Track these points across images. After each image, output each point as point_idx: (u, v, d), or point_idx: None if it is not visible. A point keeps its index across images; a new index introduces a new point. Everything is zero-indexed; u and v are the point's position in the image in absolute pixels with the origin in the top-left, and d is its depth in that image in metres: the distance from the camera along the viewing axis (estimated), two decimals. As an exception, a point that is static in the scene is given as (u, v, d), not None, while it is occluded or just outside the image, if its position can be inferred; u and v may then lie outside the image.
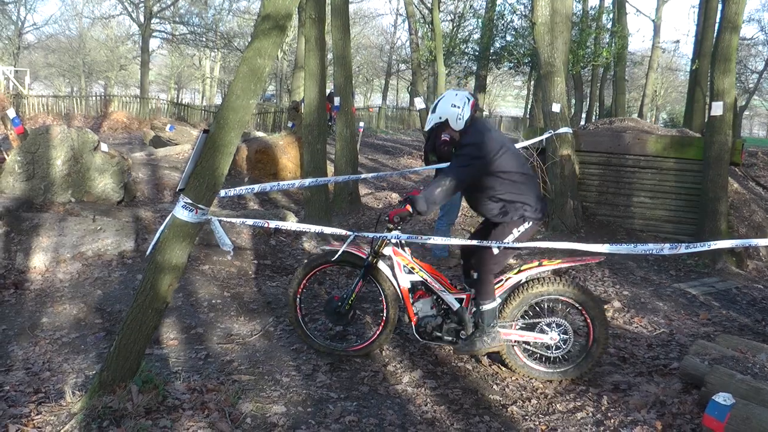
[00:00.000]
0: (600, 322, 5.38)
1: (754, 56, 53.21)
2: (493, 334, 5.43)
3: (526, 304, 5.54)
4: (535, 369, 5.61)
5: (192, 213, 4.14)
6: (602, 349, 5.44)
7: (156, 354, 5.49)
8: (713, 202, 10.23)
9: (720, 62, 10.19)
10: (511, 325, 5.56)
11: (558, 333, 5.50)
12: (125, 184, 10.23)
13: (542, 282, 5.47)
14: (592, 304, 5.36)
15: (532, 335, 5.53)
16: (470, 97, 5.72)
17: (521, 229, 5.42)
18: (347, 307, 5.81)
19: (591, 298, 5.39)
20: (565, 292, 5.39)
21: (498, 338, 5.44)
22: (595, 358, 5.44)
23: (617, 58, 25.48)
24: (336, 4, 12.13)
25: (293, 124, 17.93)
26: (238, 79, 4.13)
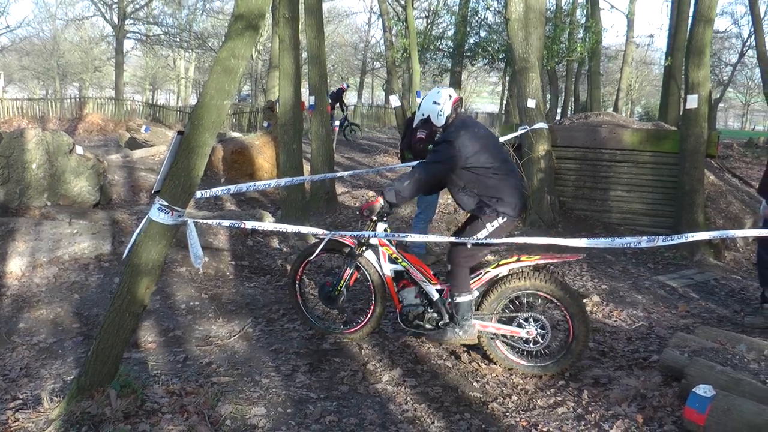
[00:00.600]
0: (579, 319, 5.36)
1: (728, 49, 53.63)
2: (467, 326, 5.55)
3: (506, 298, 5.60)
4: (516, 362, 5.65)
5: (168, 215, 4.11)
6: (582, 346, 5.42)
7: (134, 358, 5.46)
8: (690, 195, 10.27)
9: (694, 55, 10.23)
10: (490, 318, 5.62)
11: (535, 328, 5.53)
12: (101, 186, 10.16)
13: (521, 277, 5.51)
14: (570, 300, 5.35)
15: (509, 329, 5.58)
16: (452, 95, 5.80)
17: (495, 224, 5.49)
18: (337, 292, 6.11)
19: (570, 294, 5.38)
20: (543, 288, 5.41)
21: (471, 331, 5.56)
22: (575, 354, 5.43)
23: (591, 53, 25.56)
24: (309, 3, 12.08)
25: (269, 123, 17.86)
26: (212, 80, 4.10)
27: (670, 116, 20.23)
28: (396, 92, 19.32)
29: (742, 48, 48.38)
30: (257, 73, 49.93)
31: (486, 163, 5.46)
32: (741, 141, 27.73)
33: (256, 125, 29.99)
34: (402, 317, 5.92)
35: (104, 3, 42.52)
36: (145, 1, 43.00)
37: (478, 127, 5.72)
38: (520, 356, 5.67)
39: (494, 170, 5.46)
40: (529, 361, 5.64)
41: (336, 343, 6.00)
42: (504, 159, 5.61)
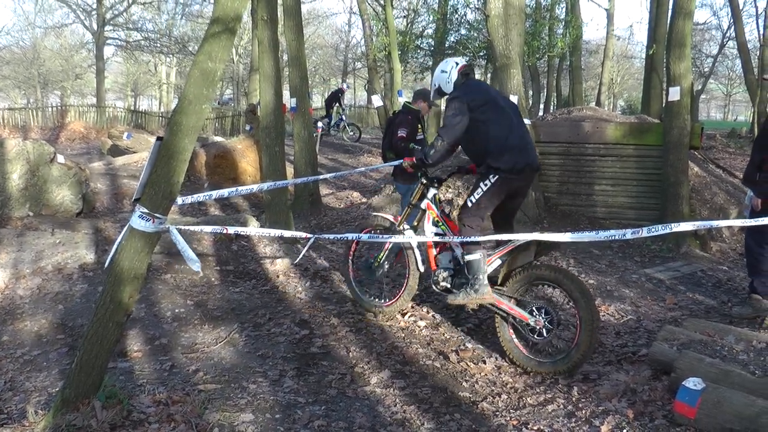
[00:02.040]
0: (587, 327, 5.26)
1: (708, 41, 53.93)
2: (477, 286, 5.71)
3: (528, 283, 5.69)
4: (517, 348, 5.70)
5: (149, 222, 4.06)
6: (581, 356, 5.32)
7: (120, 367, 5.39)
8: (674, 187, 10.28)
9: (675, 48, 10.24)
10: (509, 298, 5.75)
11: (544, 319, 5.55)
12: (84, 195, 10.10)
13: (548, 268, 5.62)
14: (585, 305, 5.28)
15: (519, 312, 5.67)
16: (459, 62, 6.14)
17: (487, 183, 5.72)
18: (377, 264, 6.81)
19: (586, 300, 5.29)
20: (564, 283, 5.41)
21: (482, 290, 5.69)
22: (572, 361, 5.35)
23: (572, 48, 25.61)
24: (288, 5, 12.04)
25: (251, 127, 17.80)
26: (190, 84, 4.05)
27: (653, 109, 20.28)
28: (378, 92, 19.32)
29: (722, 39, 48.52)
30: (239, 76, 49.91)
31: (489, 116, 5.70)
32: (724, 132, 27.89)
33: (239, 129, 29.93)
34: (434, 279, 6.29)
35: (83, 10, 42.38)
36: (124, 7, 42.84)
37: (485, 86, 6.03)
38: (523, 344, 5.71)
39: (495, 123, 5.68)
40: (530, 352, 5.65)
41: (324, 347, 5.97)
42: (508, 116, 5.77)
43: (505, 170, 5.64)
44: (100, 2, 39.29)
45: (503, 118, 5.74)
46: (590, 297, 5.36)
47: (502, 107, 5.83)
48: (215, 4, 4.12)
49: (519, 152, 5.68)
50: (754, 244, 6.73)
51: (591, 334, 5.27)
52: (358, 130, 27.64)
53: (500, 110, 5.77)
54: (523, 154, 5.71)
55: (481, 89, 5.94)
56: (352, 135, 27.12)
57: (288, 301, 7.18)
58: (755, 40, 37.89)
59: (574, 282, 5.39)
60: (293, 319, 6.60)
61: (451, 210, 10.80)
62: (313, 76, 54.20)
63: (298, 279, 7.93)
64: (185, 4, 48.84)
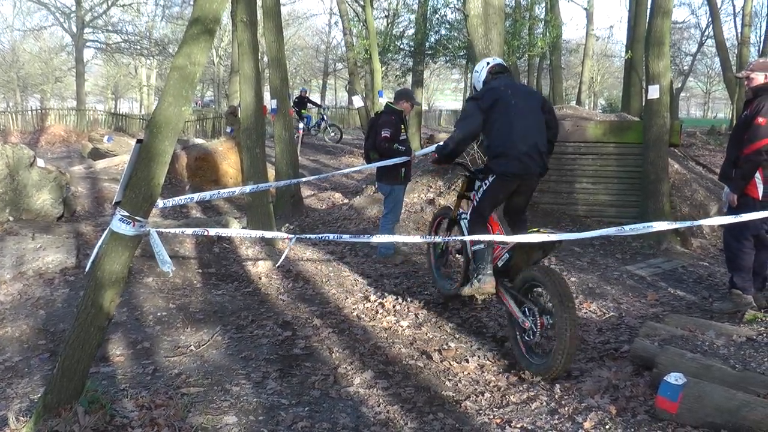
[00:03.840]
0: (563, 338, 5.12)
1: (687, 39, 54.40)
2: (480, 276, 5.96)
3: (527, 281, 5.71)
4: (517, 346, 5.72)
5: (130, 226, 4.04)
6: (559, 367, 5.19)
7: (102, 372, 5.36)
8: (655, 184, 10.34)
9: (654, 47, 10.31)
10: (513, 294, 5.85)
11: (531, 322, 5.53)
12: (64, 199, 10.03)
13: (544, 269, 5.60)
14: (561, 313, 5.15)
15: (515, 310, 5.73)
16: (490, 62, 6.38)
17: (486, 183, 6.01)
18: (442, 248, 7.41)
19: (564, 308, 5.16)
20: (549, 286, 5.33)
21: (484, 281, 5.94)
22: (550, 370, 5.25)
23: (552, 48, 25.70)
24: (268, 7, 12.02)
25: (232, 129, 17.78)
26: (169, 86, 4.04)
27: (633, 107, 20.39)
28: (359, 93, 19.32)
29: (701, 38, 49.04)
30: (219, 78, 49.79)
31: (495, 118, 5.82)
32: (703, 129, 28.04)
33: (220, 131, 29.85)
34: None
35: (62, 12, 42.11)
36: (103, 9, 42.63)
37: (508, 87, 6.04)
38: (523, 343, 5.69)
39: (498, 125, 5.83)
40: (525, 351, 5.63)
41: (306, 348, 5.96)
42: (515, 118, 5.82)
43: (499, 173, 5.82)
44: (80, 4, 39.06)
45: (508, 121, 5.80)
46: (567, 302, 5.21)
47: (512, 109, 5.85)
48: (194, 6, 4.11)
49: (516, 158, 5.77)
50: (732, 240, 6.79)
51: (566, 342, 5.13)
52: (339, 131, 27.64)
53: (507, 113, 5.82)
54: (521, 160, 5.79)
55: (496, 90, 5.96)
56: (333, 136, 27.11)
57: (270, 303, 7.18)
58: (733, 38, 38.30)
59: (555, 285, 5.31)
60: (276, 320, 6.59)
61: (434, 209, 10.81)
62: (294, 78, 54.13)
63: (280, 280, 7.92)
64: (165, 6, 48.72)
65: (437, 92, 71.50)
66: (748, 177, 6.53)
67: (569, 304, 5.18)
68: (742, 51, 26.80)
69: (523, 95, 6.05)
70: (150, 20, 49.58)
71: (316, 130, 27.67)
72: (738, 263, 6.78)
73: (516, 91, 6.04)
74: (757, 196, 6.54)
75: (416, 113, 19.28)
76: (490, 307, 7.14)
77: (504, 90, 5.95)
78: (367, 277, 8.32)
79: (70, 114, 32.72)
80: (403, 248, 9.40)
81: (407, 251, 9.35)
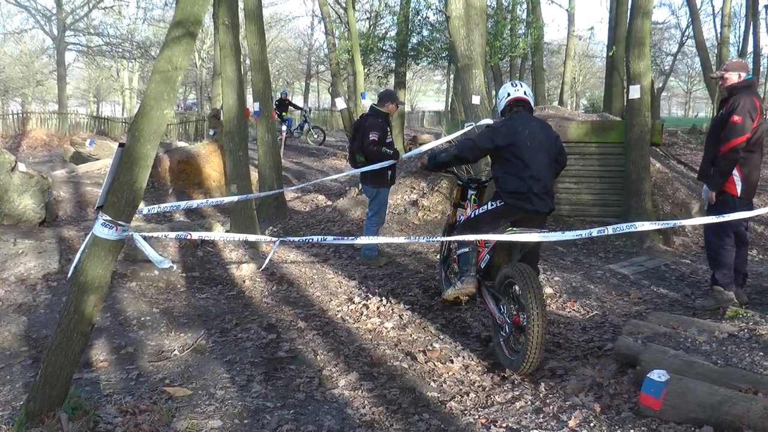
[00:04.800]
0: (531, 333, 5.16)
1: (668, 39, 54.73)
2: (463, 278, 6.19)
3: (504, 278, 5.77)
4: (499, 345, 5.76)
5: (112, 230, 4.02)
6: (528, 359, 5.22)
7: (86, 378, 5.33)
8: (637, 183, 10.39)
9: (634, 47, 10.36)
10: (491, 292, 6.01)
11: (506, 318, 5.61)
12: (46, 203, 9.99)
13: (518, 267, 5.57)
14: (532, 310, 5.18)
15: (492, 306, 5.89)
16: (511, 93, 6.29)
17: (492, 205, 6.07)
18: (444, 254, 7.49)
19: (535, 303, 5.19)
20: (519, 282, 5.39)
21: (466, 282, 6.15)
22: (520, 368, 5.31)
23: (534, 48, 25.76)
24: (250, 9, 12.01)
25: (215, 132, 17.75)
26: (151, 89, 4.04)
27: (615, 107, 20.48)
28: (341, 95, 19.25)
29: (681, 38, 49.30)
30: (202, 81, 49.62)
31: (510, 158, 5.90)
32: (685, 128, 28.14)
33: (203, 134, 29.77)
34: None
35: (43, 15, 41.88)
36: (84, 12, 42.43)
37: (526, 126, 6.02)
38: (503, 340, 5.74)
39: (515, 165, 5.88)
40: (504, 348, 5.67)
41: (291, 350, 5.95)
42: (531, 160, 5.86)
43: (508, 202, 5.92)
44: (61, 7, 38.89)
45: (522, 162, 5.85)
46: (537, 297, 5.23)
47: (528, 151, 5.89)
48: (176, 9, 4.10)
49: (527, 198, 5.84)
50: (713, 237, 6.86)
51: (535, 336, 5.16)
52: (322, 133, 27.62)
53: (522, 154, 5.86)
54: (532, 201, 5.86)
55: (514, 129, 5.97)
56: (316, 138, 27.08)
57: (254, 306, 7.16)
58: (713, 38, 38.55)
59: (526, 281, 5.33)
60: (260, 323, 6.58)
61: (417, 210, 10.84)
62: (277, 80, 54.03)
63: (264, 283, 7.91)
64: (147, 8, 48.57)
65: (420, 93, 71.62)
66: (726, 175, 6.64)
67: (539, 299, 5.23)
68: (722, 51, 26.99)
69: (539, 136, 6.04)
70: (132, 23, 49.41)
71: (299, 132, 27.64)
72: (719, 260, 6.84)
73: (533, 131, 6.02)
74: (736, 194, 6.66)
75: (399, 115, 19.29)
76: (474, 308, 7.15)
77: (522, 131, 5.96)
78: (352, 279, 8.32)
79: (52, 118, 32.52)
80: (387, 250, 9.41)
81: (391, 253, 9.36)
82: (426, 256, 9.33)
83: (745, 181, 6.65)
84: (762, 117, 6.63)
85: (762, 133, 6.68)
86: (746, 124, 6.46)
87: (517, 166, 5.85)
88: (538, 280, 5.53)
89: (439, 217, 11.06)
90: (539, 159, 5.90)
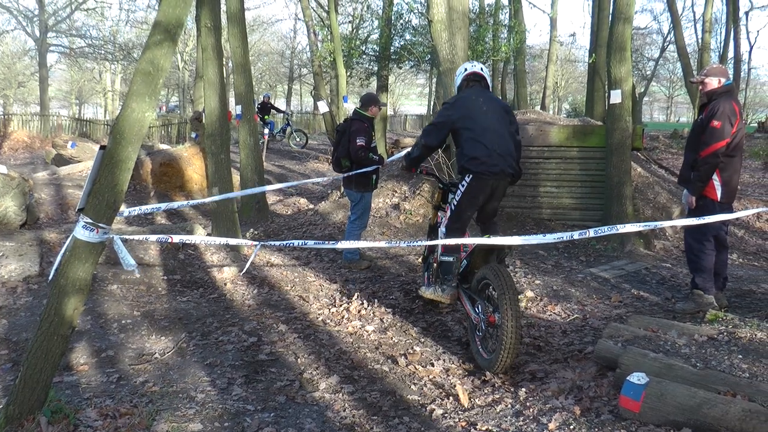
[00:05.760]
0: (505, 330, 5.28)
1: (650, 45, 55.07)
2: (445, 286, 6.27)
3: (479, 279, 5.92)
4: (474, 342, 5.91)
5: (93, 233, 4.01)
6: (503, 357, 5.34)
7: (66, 381, 5.30)
8: (618, 187, 10.43)
9: (615, 52, 10.41)
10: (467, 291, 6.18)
11: (481, 317, 5.74)
12: (27, 206, 9.92)
13: (493, 268, 5.67)
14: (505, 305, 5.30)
15: (468, 306, 6.05)
16: (468, 68, 6.60)
17: (464, 184, 6.15)
18: (424, 255, 7.61)
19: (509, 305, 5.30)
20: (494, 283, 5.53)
21: (447, 292, 6.23)
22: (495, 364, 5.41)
23: (516, 53, 25.83)
24: (232, 12, 12.00)
25: (197, 134, 17.71)
26: (133, 92, 4.03)
27: (597, 112, 20.56)
28: (324, 98, 19.24)
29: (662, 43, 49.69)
30: (184, 83, 49.49)
31: (469, 126, 6.09)
32: (666, 133, 28.38)
33: (185, 136, 29.67)
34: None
35: (25, 16, 41.68)
36: (67, 14, 42.25)
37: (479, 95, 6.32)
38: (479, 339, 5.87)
39: (474, 131, 6.08)
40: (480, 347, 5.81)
41: (272, 353, 5.95)
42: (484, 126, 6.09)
43: (476, 173, 6.02)
44: (43, 8, 38.73)
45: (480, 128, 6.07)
46: (511, 296, 5.35)
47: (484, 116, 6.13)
48: (158, 11, 4.10)
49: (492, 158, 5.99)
50: (693, 242, 6.94)
51: (509, 335, 5.27)
52: (304, 137, 27.58)
53: (479, 120, 6.10)
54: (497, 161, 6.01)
55: (467, 100, 6.29)
56: (298, 141, 27.05)
57: (236, 309, 7.15)
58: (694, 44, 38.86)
59: (500, 280, 5.46)
60: (241, 326, 6.57)
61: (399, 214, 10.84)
62: (259, 83, 53.98)
63: (245, 287, 7.89)
64: (129, 10, 48.53)
65: (402, 97, 71.64)
66: (705, 179, 6.71)
67: (513, 299, 5.34)
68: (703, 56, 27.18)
69: (492, 104, 6.28)
70: (114, 25, 49.34)
71: (282, 135, 27.61)
72: (699, 264, 6.91)
73: (486, 101, 6.27)
74: (716, 198, 6.74)
75: (382, 118, 19.27)
76: (455, 312, 7.18)
77: (475, 99, 6.23)
78: (333, 282, 8.32)
79: (34, 119, 32.31)
80: (368, 253, 9.41)
81: (372, 256, 9.36)
82: (407, 259, 9.35)
83: (725, 185, 6.73)
84: (741, 122, 6.71)
85: (741, 138, 6.78)
86: (726, 129, 6.54)
87: (474, 132, 6.06)
88: (512, 280, 5.58)
89: (421, 221, 11.08)
90: (495, 124, 6.14)
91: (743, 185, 17.30)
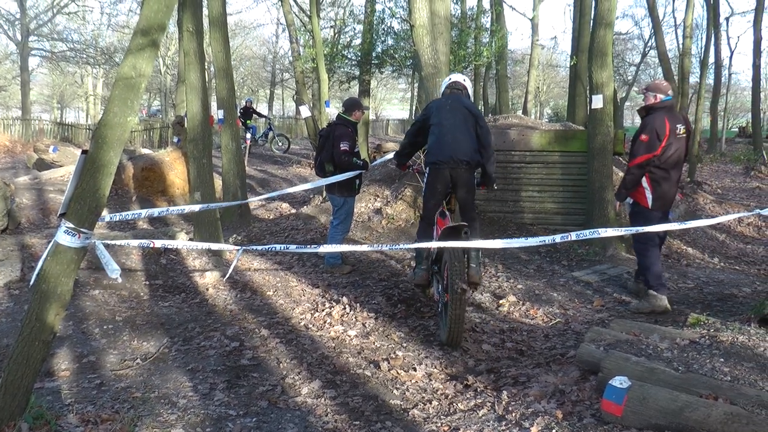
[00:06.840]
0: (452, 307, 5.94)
1: (631, 50, 55.34)
2: (417, 270, 6.95)
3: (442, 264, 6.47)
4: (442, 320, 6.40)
5: (75, 238, 3.98)
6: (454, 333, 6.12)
7: (47, 387, 5.27)
8: (599, 191, 10.47)
9: (597, 57, 10.45)
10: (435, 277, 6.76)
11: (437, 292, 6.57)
12: (9, 210, 9.87)
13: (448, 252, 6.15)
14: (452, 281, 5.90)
15: (433, 289, 6.94)
16: (452, 78, 7.23)
17: (425, 176, 6.92)
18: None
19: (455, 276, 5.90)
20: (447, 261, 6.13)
21: (417, 274, 6.93)
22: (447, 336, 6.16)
23: (498, 57, 25.93)
24: (214, 17, 11.99)
25: (179, 139, 17.65)
26: (115, 96, 4.01)
27: (578, 116, 20.60)
28: (306, 103, 19.23)
29: (644, 49, 50.00)
30: (166, 87, 49.33)
31: (434, 123, 6.79)
32: (647, 138, 28.43)
33: (167, 141, 29.58)
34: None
35: (6, 20, 41.42)
36: (48, 17, 42.03)
37: (450, 100, 6.92)
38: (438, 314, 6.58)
39: (435, 128, 6.78)
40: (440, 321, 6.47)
41: (254, 358, 5.94)
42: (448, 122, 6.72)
43: (429, 162, 6.68)
44: (24, 12, 38.50)
45: (440, 124, 6.72)
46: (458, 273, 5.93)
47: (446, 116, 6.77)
48: (140, 16, 4.09)
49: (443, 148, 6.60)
50: (639, 245, 7.43)
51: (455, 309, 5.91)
52: (287, 141, 27.57)
53: (442, 120, 6.73)
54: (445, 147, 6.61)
55: (439, 102, 7.01)
56: (281, 146, 27.04)
57: (218, 314, 7.13)
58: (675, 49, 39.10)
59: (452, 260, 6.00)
60: (223, 331, 6.55)
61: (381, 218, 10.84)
62: (241, 88, 53.86)
63: (227, 291, 7.87)
64: (111, 14, 48.35)
65: (384, 102, 71.75)
66: (630, 187, 7.28)
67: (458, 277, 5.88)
68: (684, 62, 27.28)
69: (459, 105, 6.84)
70: (96, 28, 49.09)
71: (264, 140, 27.59)
72: (647, 265, 7.34)
73: (456, 104, 6.83)
74: (647, 205, 7.24)
75: (364, 123, 19.28)
76: (437, 317, 7.17)
77: (444, 102, 6.85)
78: (315, 287, 8.31)
79: (15, 124, 32.07)
80: (350, 258, 9.40)
81: (355, 261, 9.35)
82: (390, 264, 9.34)
83: (654, 193, 7.18)
84: (674, 137, 7.09)
85: (677, 152, 7.18)
86: (652, 143, 7.02)
87: (435, 128, 6.74)
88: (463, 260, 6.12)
89: (403, 225, 11.08)
90: (454, 121, 6.70)
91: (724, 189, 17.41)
